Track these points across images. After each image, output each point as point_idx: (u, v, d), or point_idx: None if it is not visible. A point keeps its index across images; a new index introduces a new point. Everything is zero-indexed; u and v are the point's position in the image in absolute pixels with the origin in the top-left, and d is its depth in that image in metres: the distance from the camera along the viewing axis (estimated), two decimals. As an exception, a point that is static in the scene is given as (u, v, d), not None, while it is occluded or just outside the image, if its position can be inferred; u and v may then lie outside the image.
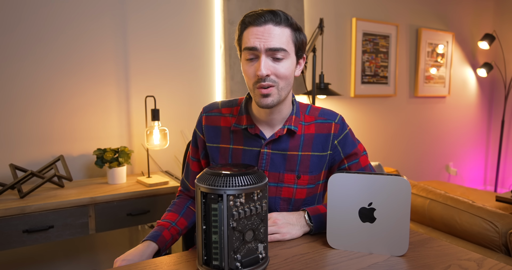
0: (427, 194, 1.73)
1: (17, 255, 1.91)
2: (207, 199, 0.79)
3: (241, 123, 1.09)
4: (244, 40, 0.99)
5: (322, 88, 2.57)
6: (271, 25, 0.97)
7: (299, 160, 1.09)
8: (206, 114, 1.16)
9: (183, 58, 2.28)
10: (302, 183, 1.10)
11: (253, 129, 1.08)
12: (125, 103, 2.12)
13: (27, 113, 1.88)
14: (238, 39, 1.03)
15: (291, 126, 1.07)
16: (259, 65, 0.96)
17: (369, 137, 3.26)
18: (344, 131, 1.12)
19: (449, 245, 0.98)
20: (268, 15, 0.97)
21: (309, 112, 1.13)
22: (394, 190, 0.90)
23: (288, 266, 0.86)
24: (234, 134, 1.11)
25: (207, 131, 1.15)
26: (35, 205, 1.55)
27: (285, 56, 0.98)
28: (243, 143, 1.10)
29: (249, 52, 0.98)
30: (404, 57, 3.43)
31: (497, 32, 4.05)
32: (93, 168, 2.05)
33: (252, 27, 0.98)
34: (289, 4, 2.57)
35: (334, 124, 1.11)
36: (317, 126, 1.11)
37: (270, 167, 1.08)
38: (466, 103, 4.03)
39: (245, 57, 1.00)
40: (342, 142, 1.11)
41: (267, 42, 0.96)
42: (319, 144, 1.10)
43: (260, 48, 0.96)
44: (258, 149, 1.08)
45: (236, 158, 1.11)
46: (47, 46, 1.90)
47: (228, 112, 1.13)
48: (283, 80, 1.00)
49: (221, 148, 1.12)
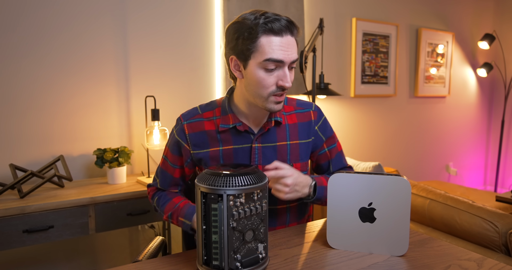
0: (427, 194, 1.73)
1: (17, 255, 1.91)
2: (207, 199, 0.79)
3: (228, 123, 1.10)
4: (266, 49, 0.95)
5: (322, 88, 2.57)
6: (289, 36, 0.98)
7: (289, 149, 1.14)
8: (187, 122, 1.13)
9: (183, 58, 2.28)
10: None
11: (242, 126, 1.10)
12: (125, 103, 2.12)
13: (27, 113, 1.88)
14: (251, 42, 0.96)
15: (277, 118, 1.12)
16: (285, 77, 0.99)
17: (369, 137, 3.26)
18: (322, 117, 1.21)
19: (449, 245, 0.98)
20: (287, 24, 0.97)
21: (287, 102, 1.19)
22: (394, 190, 0.90)
23: (288, 266, 0.86)
24: (222, 135, 1.11)
25: (192, 140, 1.12)
26: (35, 205, 1.55)
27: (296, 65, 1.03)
28: (232, 142, 1.11)
29: (273, 63, 0.97)
30: (404, 57, 3.43)
31: (497, 32, 4.05)
32: (93, 168, 2.05)
33: (273, 36, 0.96)
34: (289, 4, 2.57)
35: (312, 112, 1.19)
36: (298, 116, 1.18)
37: (263, 161, 1.11)
38: (466, 103, 4.03)
39: (265, 66, 0.97)
40: (321, 127, 1.20)
41: (291, 54, 0.98)
42: (304, 132, 1.17)
43: (286, 61, 0.98)
44: (249, 145, 1.11)
45: (228, 159, 1.11)
46: (47, 46, 1.90)
47: (210, 116, 1.13)
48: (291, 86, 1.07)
49: (211, 152, 1.12)
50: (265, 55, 0.96)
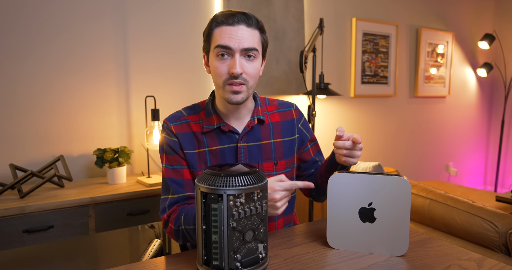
0: (427, 194, 1.73)
1: (17, 255, 1.91)
2: (207, 199, 0.79)
3: (212, 123, 1.11)
4: (216, 38, 1.02)
5: (322, 88, 2.57)
6: (243, 26, 1.02)
7: (273, 147, 1.16)
8: (173, 124, 1.12)
9: (183, 58, 2.28)
10: (280, 169, 1.17)
11: (226, 127, 1.11)
12: (125, 103, 2.12)
13: (27, 113, 1.88)
14: (208, 35, 1.05)
15: (260, 116, 1.14)
16: (234, 63, 1.00)
17: (369, 137, 3.26)
18: (302, 116, 1.26)
19: (449, 245, 0.98)
20: (241, 16, 1.02)
21: (268, 102, 1.23)
22: (394, 190, 0.90)
23: (288, 266, 0.86)
24: (207, 136, 1.12)
25: (181, 138, 1.11)
26: (35, 205, 1.55)
27: (256, 56, 1.04)
28: (218, 142, 1.12)
29: (222, 49, 1.01)
30: (404, 57, 3.43)
31: (497, 32, 4.05)
32: (93, 168, 2.05)
33: (225, 26, 1.02)
34: (289, 4, 2.57)
35: (293, 110, 1.24)
36: (280, 114, 1.21)
37: (249, 160, 1.13)
38: (466, 103, 4.03)
39: (217, 53, 1.02)
40: (304, 125, 1.25)
41: (241, 42, 1.00)
42: (287, 130, 1.20)
43: (235, 48, 1.00)
44: (235, 145, 1.12)
45: (215, 159, 1.11)
46: (47, 46, 1.90)
47: (196, 119, 1.14)
48: (252, 79, 1.05)
49: (198, 153, 1.11)
50: (215, 43, 1.02)
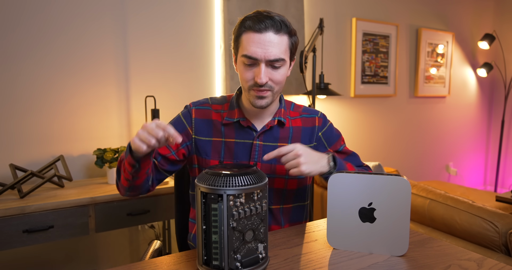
0: (427, 194, 1.73)
1: (17, 255, 1.91)
2: (207, 199, 0.79)
3: (233, 117, 1.12)
4: (244, 45, 1.00)
5: (322, 88, 2.57)
6: (271, 33, 0.98)
7: None
8: (196, 108, 1.15)
9: (183, 58, 2.28)
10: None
11: (245, 122, 1.11)
12: (125, 103, 2.12)
13: (27, 113, 1.88)
14: (236, 40, 1.05)
15: (281, 117, 1.13)
16: (259, 72, 0.99)
17: (369, 137, 3.26)
18: (327, 124, 1.21)
19: (449, 245, 0.98)
20: (269, 22, 0.98)
21: (293, 108, 1.21)
22: (394, 190, 0.90)
23: (288, 266, 0.86)
24: (226, 128, 1.13)
25: (197, 125, 1.13)
26: (35, 205, 1.55)
27: (282, 64, 1.02)
28: (235, 136, 1.12)
29: (248, 59, 1.00)
30: (404, 57, 3.43)
31: (497, 32, 4.05)
32: (93, 168, 2.05)
33: (252, 32, 0.99)
34: (289, 4, 2.57)
35: (317, 118, 1.20)
36: (303, 120, 1.19)
37: (262, 159, 1.10)
38: (466, 103, 4.03)
39: (243, 61, 1.02)
40: (325, 134, 1.20)
41: (267, 53, 0.98)
42: (307, 136, 1.17)
43: (261, 59, 0.99)
44: (251, 142, 1.11)
45: (229, 151, 1.12)
46: (47, 46, 1.90)
47: (219, 108, 1.15)
48: (278, 85, 1.05)
49: (213, 141, 1.13)
50: (242, 50, 1.01)
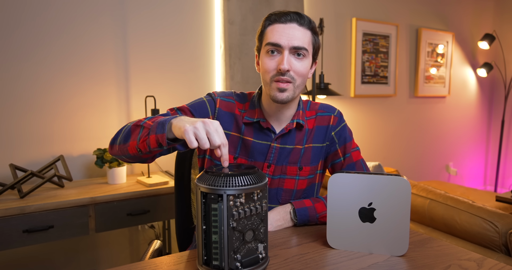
0: (427, 194, 1.73)
1: (17, 255, 1.91)
2: (207, 199, 0.79)
3: (253, 116, 1.11)
4: (268, 35, 1.03)
5: (322, 88, 2.57)
6: (295, 24, 1.02)
7: (302, 152, 1.13)
8: (221, 98, 1.14)
9: (183, 58, 2.28)
10: (303, 174, 1.14)
11: (265, 123, 1.10)
12: (125, 103, 2.12)
13: (27, 113, 1.88)
14: (260, 34, 1.06)
15: (300, 120, 1.12)
16: (282, 59, 1.01)
17: (369, 137, 3.25)
18: (341, 124, 1.18)
19: (449, 245, 0.97)
20: (293, 15, 1.02)
21: (309, 107, 1.18)
22: (394, 190, 0.90)
23: (288, 266, 0.86)
24: (245, 127, 1.13)
25: (220, 115, 1.12)
26: (35, 205, 1.55)
27: (306, 55, 1.04)
28: (253, 135, 1.12)
29: (272, 46, 1.02)
30: (404, 57, 3.43)
31: (497, 32, 4.05)
32: (93, 168, 2.05)
33: (277, 24, 1.03)
34: (289, 4, 2.57)
35: (333, 116, 1.17)
36: (317, 119, 1.16)
37: (277, 161, 1.12)
38: (466, 103, 4.02)
39: (267, 50, 1.03)
40: (338, 134, 1.17)
41: (291, 40, 1.01)
42: (320, 135, 1.15)
43: (285, 45, 1.01)
44: (268, 143, 1.11)
45: (246, 149, 1.12)
46: (47, 46, 1.90)
47: (241, 107, 1.14)
48: (300, 78, 1.04)
49: (232, 135, 1.12)
50: (266, 40, 1.04)
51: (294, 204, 1.10)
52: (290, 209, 1.09)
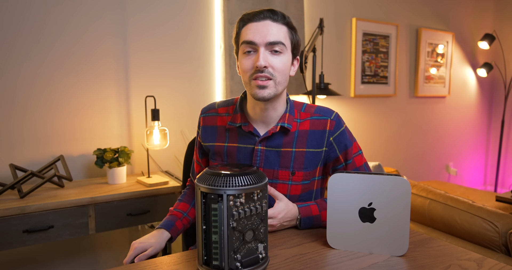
0: (427, 194, 1.73)
1: (17, 255, 1.91)
2: (207, 199, 0.79)
3: (236, 121, 1.12)
4: (243, 35, 1.04)
5: (322, 88, 2.57)
6: (269, 21, 1.02)
7: (294, 156, 1.10)
8: (203, 116, 1.21)
9: (183, 58, 2.28)
10: (296, 180, 1.10)
11: (247, 127, 1.10)
12: (125, 103, 2.12)
13: (27, 113, 1.88)
14: (236, 36, 1.07)
15: (285, 123, 1.08)
16: (258, 56, 1.00)
17: (369, 137, 3.26)
18: (340, 128, 1.12)
19: (449, 245, 0.97)
20: (266, 13, 1.03)
21: (304, 109, 1.14)
22: (394, 190, 0.90)
23: (288, 266, 0.86)
24: (230, 132, 1.14)
25: (203, 132, 1.19)
26: (35, 205, 1.55)
27: (283, 51, 1.03)
28: (237, 140, 1.12)
29: (247, 45, 1.02)
30: (404, 57, 3.43)
31: (497, 32, 4.05)
32: (93, 168, 2.05)
33: (250, 23, 1.03)
34: (289, 4, 2.57)
35: (329, 120, 1.11)
36: (311, 123, 1.11)
37: (264, 164, 1.10)
38: (466, 103, 4.03)
39: (243, 50, 1.03)
40: (337, 139, 1.11)
41: (266, 36, 1.00)
42: (314, 140, 1.10)
43: (259, 42, 1.00)
44: (252, 146, 1.10)
45: (231, 156, 1.12)
46: (47, 46, 1.90)
47: (224, 112, 1.17)
48: (279, 74, 1.02)
49: (216, 146, 1.15)
50: (241, 39, 1.04)
51: (301, 210, 1.07)
52: (298, 214, 1.08)
